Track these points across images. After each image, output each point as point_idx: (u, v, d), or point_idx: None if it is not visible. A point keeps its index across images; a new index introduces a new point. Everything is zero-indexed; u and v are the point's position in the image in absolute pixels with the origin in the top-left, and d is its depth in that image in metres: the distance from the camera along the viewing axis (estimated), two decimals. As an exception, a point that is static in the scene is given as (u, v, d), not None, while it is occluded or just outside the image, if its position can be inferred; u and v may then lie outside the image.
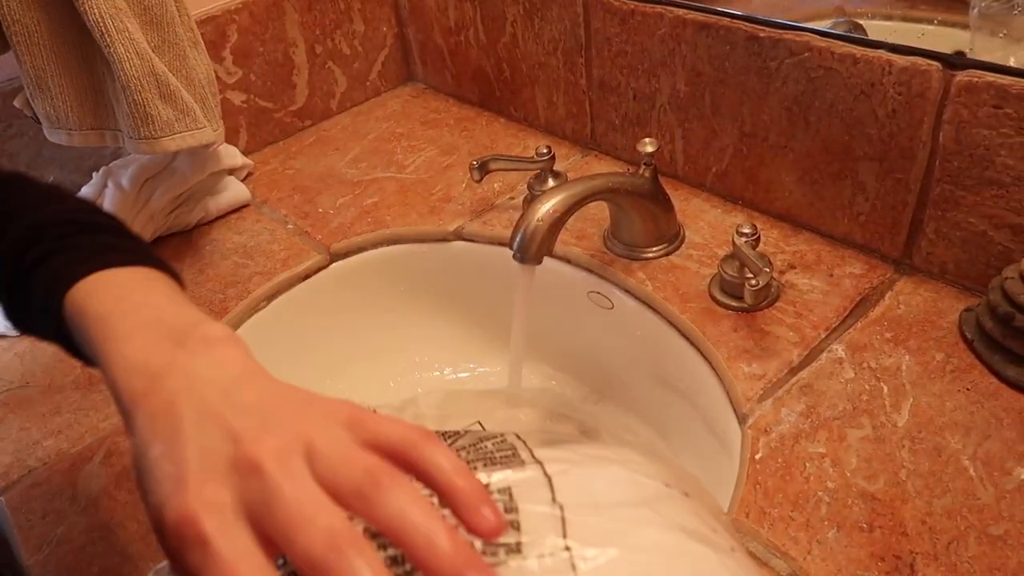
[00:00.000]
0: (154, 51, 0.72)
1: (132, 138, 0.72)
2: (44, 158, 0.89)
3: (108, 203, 0.84)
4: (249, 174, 0.96)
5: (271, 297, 0.80)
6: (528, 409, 0.73)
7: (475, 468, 0.33)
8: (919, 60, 0.60)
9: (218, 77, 0.94)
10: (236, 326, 0.77)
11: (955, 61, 0.58)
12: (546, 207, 0.64)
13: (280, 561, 0.30)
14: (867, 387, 0.59)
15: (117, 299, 0.38)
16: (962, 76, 0.58)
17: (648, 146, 0.70)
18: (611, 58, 0.82)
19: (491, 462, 0.34)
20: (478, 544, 0.29)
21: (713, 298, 0.69)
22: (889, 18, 0.74)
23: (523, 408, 0.72)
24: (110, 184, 0.85)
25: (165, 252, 0.85)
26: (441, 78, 1.09)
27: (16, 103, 0.80)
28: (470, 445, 0.36)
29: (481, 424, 0.52)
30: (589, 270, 0.76)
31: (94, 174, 0.88)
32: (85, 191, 0.86)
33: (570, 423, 0.73)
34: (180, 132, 0.73)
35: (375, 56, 1.09)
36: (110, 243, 0.43)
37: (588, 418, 0.73)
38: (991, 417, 0.55)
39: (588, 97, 0.88)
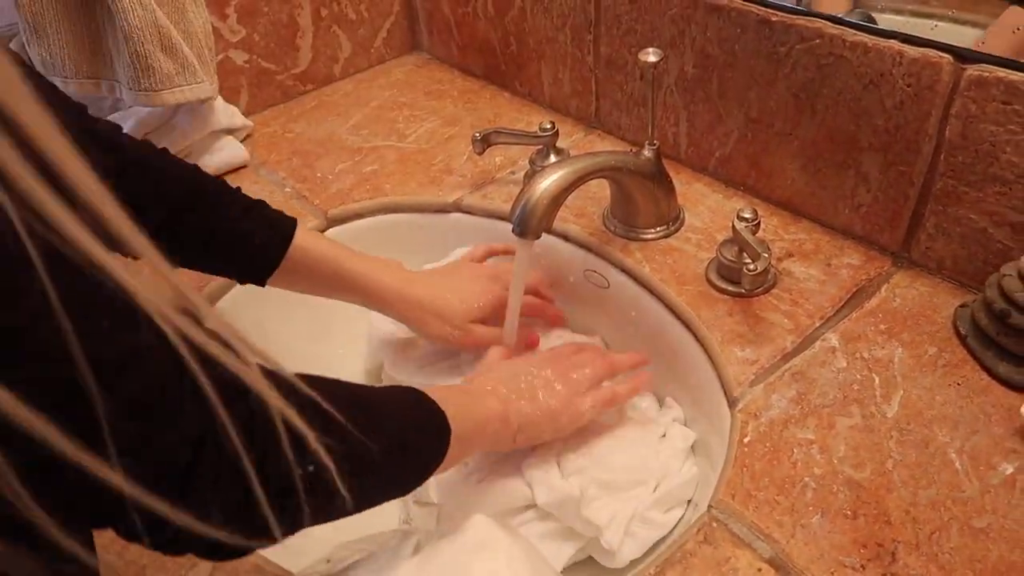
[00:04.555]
0: (155, 3, 0.71)
1: (132, 89, 0.71)
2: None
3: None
4: (248, 135, 0.95)
5: (265, 259, 0.79)
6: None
7: None
8: (931, 52, 0.59)
9: (221, 36, 0.92)
10: (228, 287, 0.76)
11: (967, 55, 0.58)
12: (548, 181, 0.63)
13: None
14: (859, 377, 0.59)
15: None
16: (973, 70, 0.57)
17: (651, 55, 0.67)
18: (620, 36, 0.82)
19: None
20: None
21: (710, 282, 0.68)
22: (900, 12, 0.73)
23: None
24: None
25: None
26: (447, 49, 1.07)
27: (11, 46, 0.78)
28: None
29: None
30: (587, 248, 0.76)
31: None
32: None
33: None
34: (180, 86, 0.72)
35: (381, 23, 1.08)
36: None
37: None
38: (980, 412, 0.56)
39: (594, 75, 0.87)
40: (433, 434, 0.50)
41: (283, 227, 0.64)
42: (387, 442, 0.45)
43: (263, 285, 0.65)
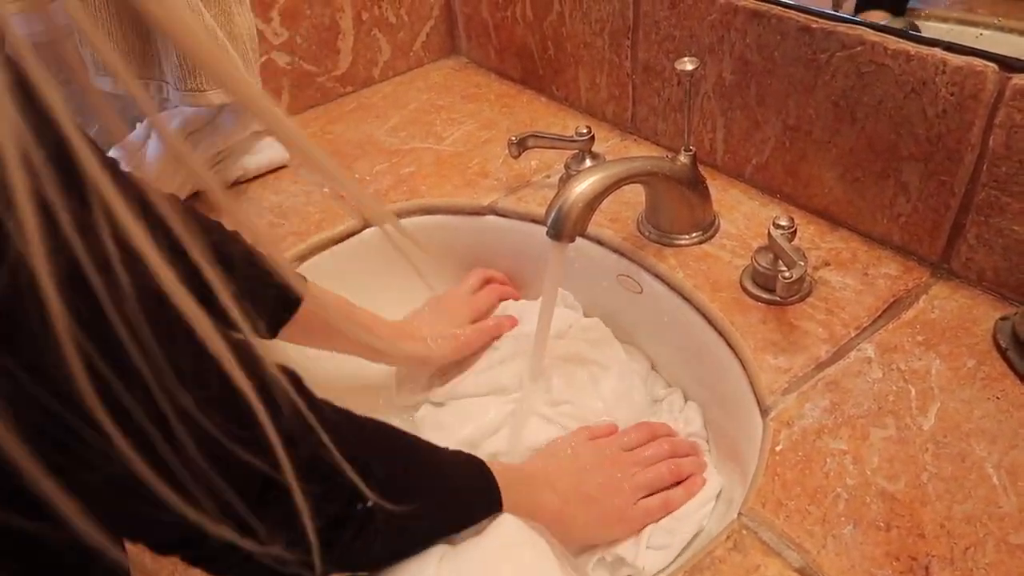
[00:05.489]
0: (202, 5, 0.73)
1: (179, 89, 0.73)
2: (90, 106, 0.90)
3: (151, 154, 0.85)
4: (289, 136, 0.97)
5: (303, 258, 0.80)
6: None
7: None
8: (975, 60, 0.59)
9: (264, 38, 0.94)
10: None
11: (1013, 63, 0.57)
12: (583, 185, 0.63)
13: None
14: (894, 388, 0.58)
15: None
16: (1018, 79, 0.56)
17: (688, 64, 0.67)
18: (658, 42, 0.82)
19: None
20: None
21: (744, 289, 0.68)
22: (945, 20, 0.72)
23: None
24: (153, 136, 0.86)
25: (203, 208, 0.86)
26: (484, 53, 1.08)
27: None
28: None
29: None
30: (621, 253, 0.76)
31: (138, 125, 0.89)
32: (129, 139, 0.88)
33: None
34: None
35: (420, 27, 1.09)
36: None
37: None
38: (1020, 427, 0.55)
39: (632, 80, 0.87)
40: (483, 507, 0.53)
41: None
42: (436, 506, 0.50)
43: (274, 337, 0.65)
